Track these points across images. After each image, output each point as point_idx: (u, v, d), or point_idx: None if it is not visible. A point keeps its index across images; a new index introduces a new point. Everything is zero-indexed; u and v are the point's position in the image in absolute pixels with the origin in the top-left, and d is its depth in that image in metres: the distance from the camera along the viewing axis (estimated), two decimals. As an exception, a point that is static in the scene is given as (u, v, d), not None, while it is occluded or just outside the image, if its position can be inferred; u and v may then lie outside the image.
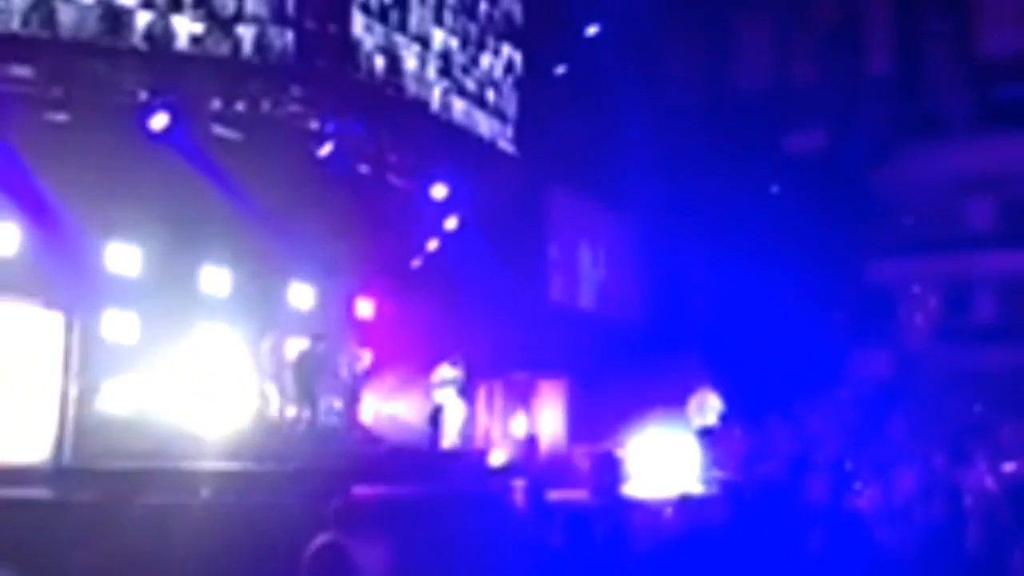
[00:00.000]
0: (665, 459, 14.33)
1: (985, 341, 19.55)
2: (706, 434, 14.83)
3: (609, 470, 14.04)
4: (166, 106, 13.01)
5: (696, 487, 12.93)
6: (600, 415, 16.61)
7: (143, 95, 13.22)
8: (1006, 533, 6.50)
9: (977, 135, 20.58)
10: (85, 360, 10.51)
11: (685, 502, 6.94)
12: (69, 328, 10.78)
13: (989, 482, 12.46)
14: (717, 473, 14.60)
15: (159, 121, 12.97)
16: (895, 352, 20.28)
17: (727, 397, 16.47)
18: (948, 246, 20.65)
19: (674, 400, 15.55)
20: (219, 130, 13.78)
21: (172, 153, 13.04)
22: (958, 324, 20.37)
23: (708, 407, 14.92)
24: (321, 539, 5.23)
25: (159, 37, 13.15)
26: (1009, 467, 13.98)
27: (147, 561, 7.33)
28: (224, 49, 13.40)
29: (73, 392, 10.62)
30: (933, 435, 17.13)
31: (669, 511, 6.51)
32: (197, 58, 13.36)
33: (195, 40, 13.25)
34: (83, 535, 7.65)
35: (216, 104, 13.74)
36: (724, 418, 15.33)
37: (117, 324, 13.11)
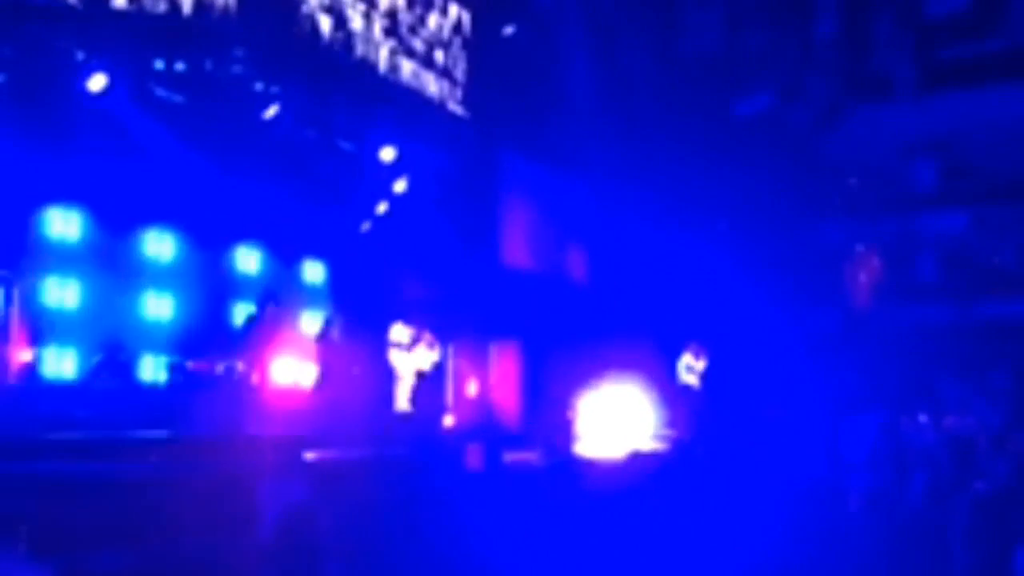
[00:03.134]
0: (617, 419, 14.46)
1: (928, 300, 19.95)
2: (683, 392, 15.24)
3: (560, 431, 14.18)
4: (104, 67, 12.65)
5: (647, 444, 13.08)
6: (553, 378, 16.69)
7: (80, 55, 12.83)
8: (948, 484, 6.64)
9: (923, 97, 20.82)
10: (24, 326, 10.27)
11: (636, 458, 6.99)
12: (8, 295, 10.54)
13: (931, 436, 12.78)
14: (668, 432, 14.79)
15: (97, 82, 12.62)
16: (840, 311, 20.60)
17: (676, 357, 16.66)
18: (892, 207, 20.95)
19: (625, 362, 15.66)
20: (160, 91, 13.45)
21: (112, 114, 12.71)
22: (902, 283, 20.73)
23: (696, 367, 15.29)
24: (287, 500, 5.21)
25: (95, -5, 12.76)
26: (949, 420, 14.36)
27: (93, 531, 7.21)
28: (162, 8, 13.04)
29: (16, 359, 10.41)
30: (878, 391, 17.49)
31: (619, 467, 6.56)
32: (134, 17, 12.98)
33: (132, -1, 12.88)
34: (30, 508, 7.49)
35: (156, 64, 13.39)
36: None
37: (57, 290, 12.83)
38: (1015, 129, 19.52)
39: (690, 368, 15.56)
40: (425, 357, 14.54)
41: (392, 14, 15.97)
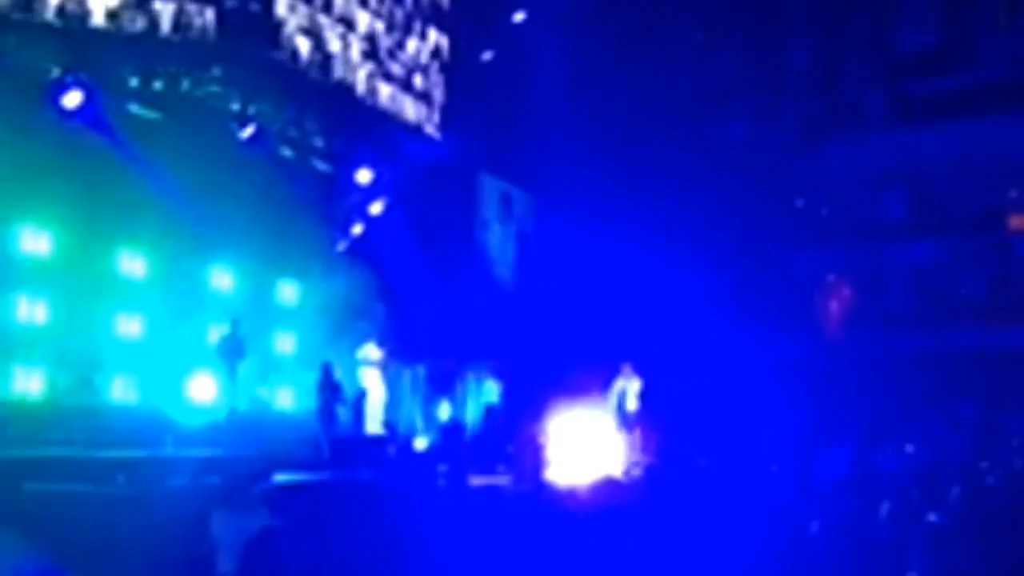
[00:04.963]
0: (588, 444, 14.46)
1: (897, 328, 20.13)
2: (627, 418, 14.89)
3: (531, 456, 14.17)
4: (79, 83, 12.62)
5: (618, 471, 13.07)
6: (526, 402, 16.69)
7: (56, 72, 12.80)
8: (912, 512, 6.72)
9: (892, 129, 21.11)
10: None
11: (607, 486, 7.01)
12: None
13: (897, 464, 12.88)
14: (640, 458, 14.80)
15: (72, 99, 12.58)
16: (811, 340, 20.75)
17: (646, 384, 16.63)
18: (864, 237, 21.17)
19: (597, 386, 15.69)
20: (136, 109, 13.43)
21: (86, 132, 12.67)
22: (872, 312, 20.93)
23: (630, 391, 14.96)
24: (255, 525, 5.17)
25: (73, 13, 12.75)
26: (915, 449, 14.49)
27: (48, 551, 7.12)
28: (141, 26, 13.06)
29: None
30: (848, 420, 17.61)
31: (588, 494, 6.57)
32: (113, 35, 12.99)
33: (111, 16, 12.88)
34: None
35: (133, 82, 13.39)
36: (645, 403, 15.42)
37: (28, 307, 12.73)
38: (983, 162, 19.84)
39: (623, 393, 14.89)
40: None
41: (371, 38, 16.07)
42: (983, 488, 8.96)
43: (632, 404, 14.48)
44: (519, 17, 18.40)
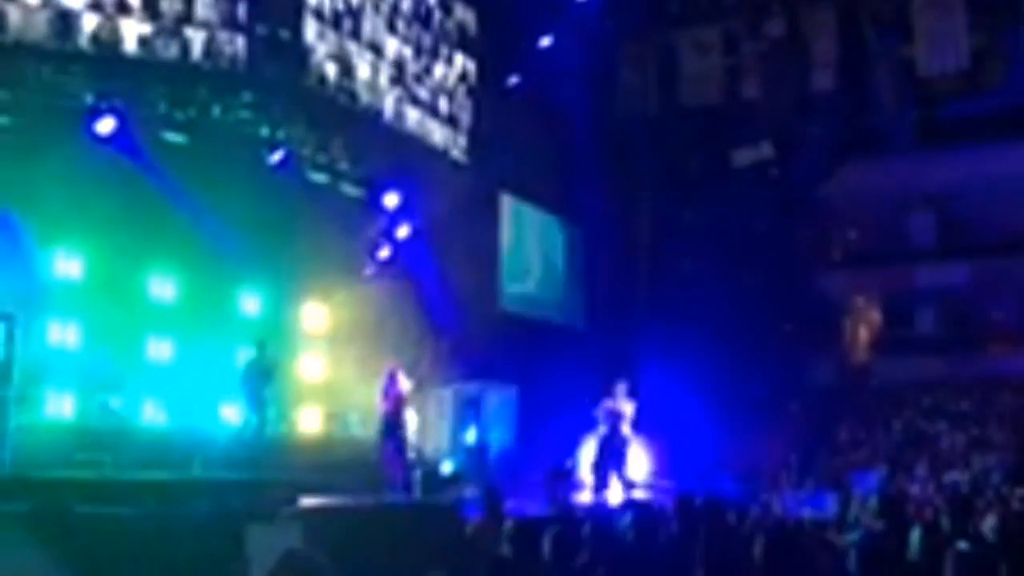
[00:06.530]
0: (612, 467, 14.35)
1: (926, 353, 19.98)
2: (622, 442, 13.63)
3: (559, 479, 14.10)
4: (113, 110, 12.83)
5: (642, 494, 13.01)
6: (552, 424, 16.68)
7: (89, 98, 13.01)
8: (943, 539, 6.64)
9: (919, 152, 21.06)
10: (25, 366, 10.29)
11: (634, 509, 6.98)
12: (10, 334, 10.59)
13: (930, 491, 12.77)
14: (661, 481, 14.72)
15: (105, 125, 12.78)
16: (840, 363, 20.63)
17: (673, 407, 16.53)
18: (891, 260, 21.08)
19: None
20: (167, 135, 13.61)
21: (119, 157, 12.85)
22: (900, 336, 20.79)
23: (625, 414, 14.00)
24: (284, 548, 5.20)
25: (106, 40, 12.96)
26: (949, 476, 14.34)
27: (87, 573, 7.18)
28: (173, 53, 13.25)
29: (13, 398, 10.44)
30: (877, 445, 17.47)
31: (625, 520, 6.53)
32: (145, 62, 13.18)
33: (143, 43, 13.08)
34: (18, 546, 7.47)
35: (164, 108, 13.57)
36: (652, 425, 15.03)
37: (59, 331, 12.88)
38: (1011, 185, 19.73)
39: (615, 413, 13.54)
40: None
41: (399, 63, 16.21)
42: (1014, 515, 8.86)
43: (626, 428, 13.51)
44: (545, 42, 18.53)
